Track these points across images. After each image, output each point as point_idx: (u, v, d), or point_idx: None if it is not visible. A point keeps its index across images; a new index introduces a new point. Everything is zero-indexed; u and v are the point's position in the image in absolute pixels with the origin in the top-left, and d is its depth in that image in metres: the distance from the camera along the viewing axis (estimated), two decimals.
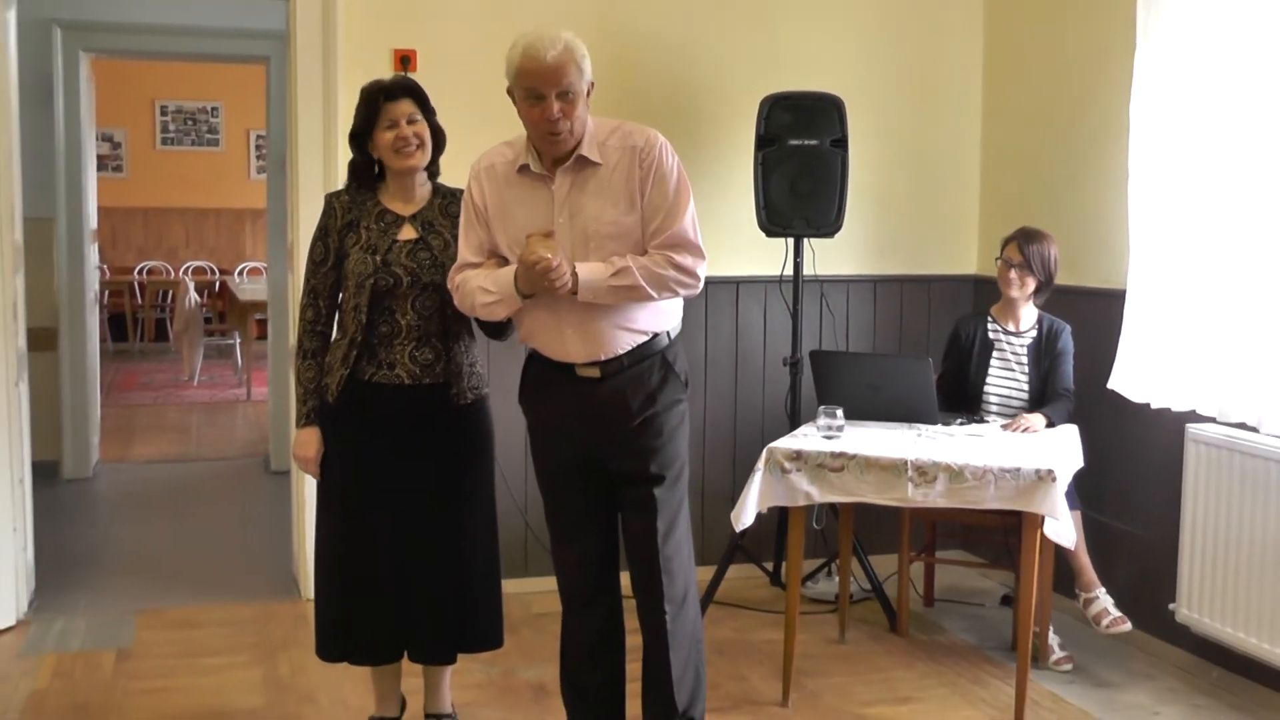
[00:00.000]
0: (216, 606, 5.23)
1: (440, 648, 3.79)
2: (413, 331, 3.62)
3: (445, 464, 3.70)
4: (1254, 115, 4.13)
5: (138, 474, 7.85)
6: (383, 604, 3.69)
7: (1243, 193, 4.21)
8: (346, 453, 3.68)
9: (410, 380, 3.62)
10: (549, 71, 3.30)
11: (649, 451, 3.53)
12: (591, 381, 3.47)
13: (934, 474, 3.99)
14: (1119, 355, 4.67)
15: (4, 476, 4.83)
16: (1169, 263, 4.48)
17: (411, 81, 3.71)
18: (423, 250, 3.62)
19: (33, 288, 5.23)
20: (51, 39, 7.21)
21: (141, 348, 13.53)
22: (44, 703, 4.22)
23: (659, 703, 3.64)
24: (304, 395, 3.69)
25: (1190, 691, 4.45)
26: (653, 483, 3.54)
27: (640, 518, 3.56)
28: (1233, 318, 4.28)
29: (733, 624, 5.10)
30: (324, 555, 3.75)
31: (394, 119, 3.60)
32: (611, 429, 3.50)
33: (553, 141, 3.36)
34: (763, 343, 5.66)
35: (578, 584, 3.68)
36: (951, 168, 5.89)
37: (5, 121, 4.75)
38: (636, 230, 3.43)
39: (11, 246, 4.80)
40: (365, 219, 3.66)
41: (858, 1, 5.67)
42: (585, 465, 3.58)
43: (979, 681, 4.54)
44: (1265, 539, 4.17)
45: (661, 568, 3.56)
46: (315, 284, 3.69)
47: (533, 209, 3.43)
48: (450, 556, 3.71)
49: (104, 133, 13.05)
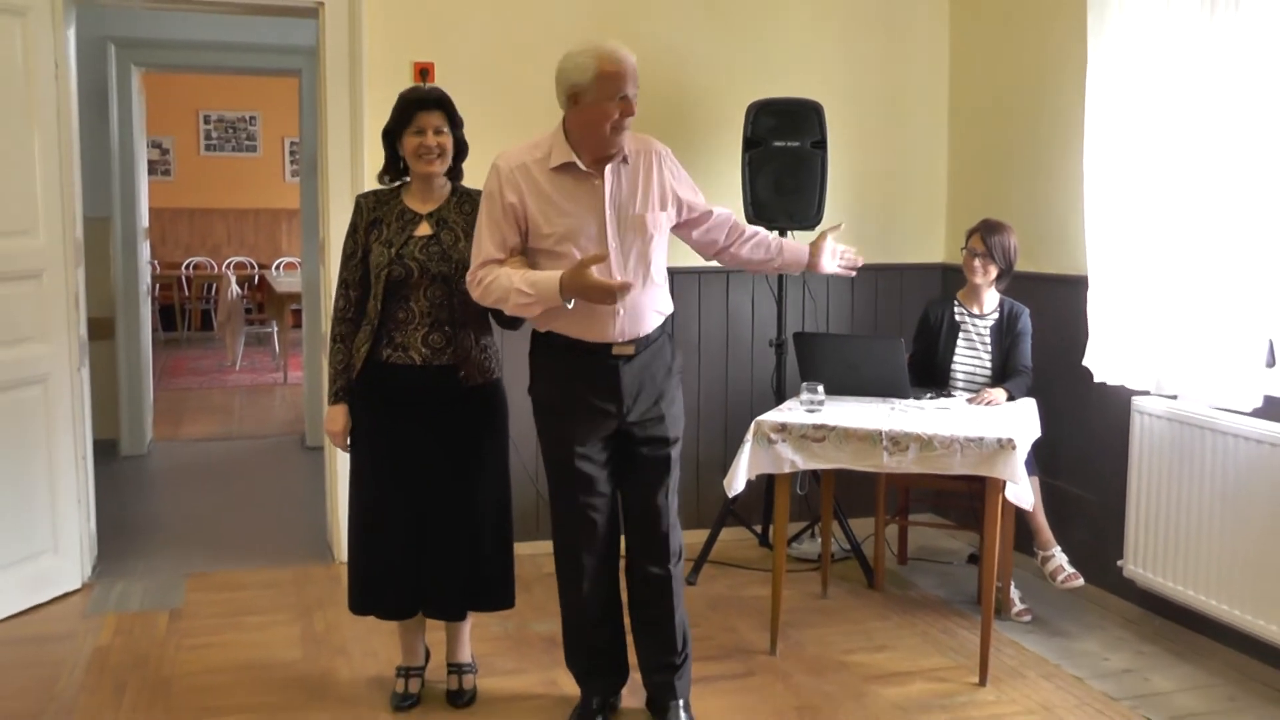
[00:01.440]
0: (258, 570, 5.25)
1: (451, 606, 3.81)
2: (425, 318, 3.65)
3: (457, 439, 3.71)
4: (1194, 117, 4.14)
5: (187, 451, 7.86)
6: (401, 565, 3.73)
7: (1183, 188, 4.21)
8: (370, 427, 3.72)
9: (422, 361, 3.65)
10: (631, 73, 3.38)
11: (669, 418, 3.62)
12: (622, 359, 3.50)
13: (906, 443, 4.01)
14: (1090, 336, 4.65)
15: (69, 454, 4.85)
16: (1121, 251, 4.49)
17: (445, 96, 3.70)
18: (434, 245, 3.64)
19: (91, 281, 5.25)
20: (107, 55, 7.22)
21: (189, 336, 13.53)
22: (107, 657, 4.25)
23: (663, 648, 3.70)
24: (334, 376, 3.74)
25: (1136, 640, 4.48)
26: (670, 444, 3.63)
27: (656, 478, 3.62)
28: (1171, 303, 4.29)
29: (725, 581, 5.13)
30: (354, 520, 3.79)
31: (422, 127, 3.60)
32: (642, 399, 3.55)
33: (617, 139, 3.39)
34: (751, 326, 5.68)
35: (592, 552, 3.64)
36: (920, 166, 5.90)
37: (67, 130, 4.77)
38: (665, 224, 3.58)
39: (74, 243, 4.83)
40: (388, 217, 3.68)
41: (835, 16, 5.68)
42: (610, 437, 3.58)
43: (948, 631, 4.57)
44: (1202, 502, 4.19)
45: (671, 523, 3.66)
46: (345, 276, 3.73)
47: (581, 202, 3.44)
48: (462, 524, 3.73)
49: (154, 140, 13.06)
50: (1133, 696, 3.97)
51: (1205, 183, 4.13)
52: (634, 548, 3.71)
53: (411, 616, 3.83)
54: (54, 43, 4.69)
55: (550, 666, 4.15)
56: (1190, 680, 4.12)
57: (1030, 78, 5.25)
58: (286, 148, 14.12)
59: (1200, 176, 4.15)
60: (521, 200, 3.42)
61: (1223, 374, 4.08)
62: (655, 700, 3.75)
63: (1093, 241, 4.62)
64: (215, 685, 4.02)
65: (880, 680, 4.10)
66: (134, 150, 7.52)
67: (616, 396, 3.51)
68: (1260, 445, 3.97)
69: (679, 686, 3.71)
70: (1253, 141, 3.95)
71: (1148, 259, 4.39)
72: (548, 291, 3.34)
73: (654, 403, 3.58)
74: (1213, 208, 4.10)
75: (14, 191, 4.54)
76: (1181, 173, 4.23)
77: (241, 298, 11.90)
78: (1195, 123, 4.15)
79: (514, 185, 3.43)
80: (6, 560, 4.57)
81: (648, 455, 3.61)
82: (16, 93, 4.53)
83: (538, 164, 3.44)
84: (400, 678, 3.93)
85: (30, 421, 4.65)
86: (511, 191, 3.42)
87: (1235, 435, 4.05)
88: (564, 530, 3.67)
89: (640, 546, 3.69)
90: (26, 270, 4.61)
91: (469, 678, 3.92)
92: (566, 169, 3.43)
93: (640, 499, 3.66)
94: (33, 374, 4.66)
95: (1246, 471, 4.02)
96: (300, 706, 3.86)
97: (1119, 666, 4.23)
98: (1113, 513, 4.68)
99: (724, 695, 3.96)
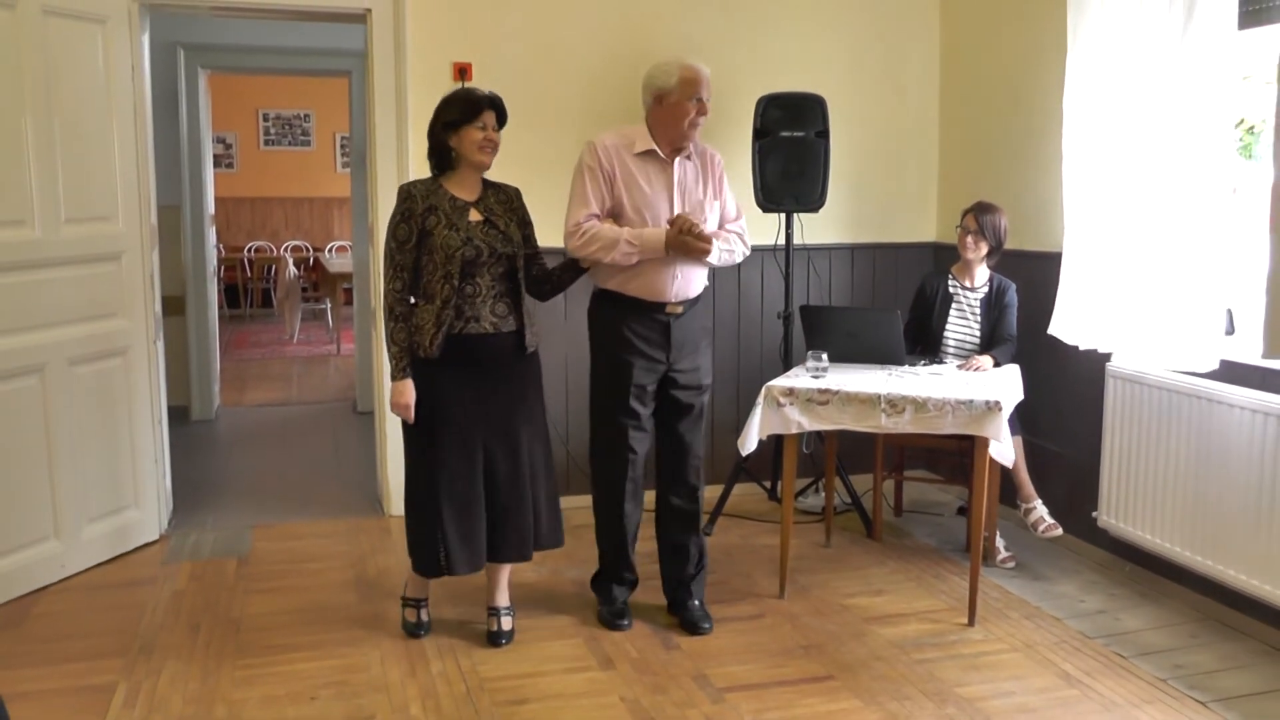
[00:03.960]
0: (316, 522, 5.29)
1: (525, 547, 3.86)
2: (490, 291, 3.72)
3: (517, 397, 3.81)
4: (1164, 109, 4.11)
5: (250, 415, 7.90)
6: (479, 516, 3.77)
7: (1150, 171, 4.19)
8: (450, 396, 3.71)
9: (493, 330, 3.73)
10: (706, 80, 3.85)
11: (703, 369, 4.03)
12: (673, 316, 3.89)
13: (903, 406, 4.02)
14: (1056, 306, 4.67)
15: (146, 418, 4.89)
16: (1096, 230, 4.48)
17: (502, 101, 3.77)
18: (491, 229, 3.72)
19: (164, 263, 5.27)
20: (176, 58, 7.23)
21: (251, 312, 13.56)
22: (182, 601, 4.30)
23: (684, 563, 4.09)
24: (399, 353, 3.68)
25: (1108, 583, 4.49)
26: (703, 391, 4.04)
27: (690, 420, 4.02)
28: (1136, 275, 4.27)
29: (738, 532, 5.15)
30: (431, 487, 3.73)
31: (486, 123, 3.69)
32: (686, 351, 3.94)
33: (693, 133, 3.83)
34: (760, 300, 5.68)
35: (632, 479, 3.98)
36: (914, 153, 5.87)
37: (142, 127, 4.79)
38: (715, 214, 3.97)
39: (149, 228, 4.85)
40: (441, 204, 3.69)
41: (836, 16, 5.64)
42: (657, 383, 3.93)
43: (939, 577, 4.58)
44: (1168, 458, 4.19)
45: (700, 459, 4.07)
46: (400, 260, 3.69)
47: (655, 183, 3.85)
48: (525, 472, 3.81)
49: (218, 136, 13.07)
50: (1105, 635, 3.99)
51: (1169, 167, 4.10)
52: (666, 482, 4.04)
53: (482, 568, 3.86)
54: (130, 48, 4.71)
55: (582, 608, 4.18)
56: (1157, 619, 4.13)
57: (1014, 73, 5.22)
58: (337, 142, 14.10)
59: (1167, 163, 4.12)
60: (612, 167, 3.82)
61: (1181, 340, 4.07)
62: (675, 600, 4.10)
63: (1069, 219, 4.60)
64: (279, 625, 4.06)
65: (878, 621, 4.12)
66: (201, 145, 7.53)
67: (666, 347, 3.89)
68: (1219, 405, 3.96)
69: (695, 589, 4.09)
70: (1211, 130, 3.94)
71: (1116, 235, 4.37)
72: (652, 244, 3.76)
73: (694, 355, 3.97)
74: (1175, 191, 4.08)
75: (97, 182, 4.57)
76: (1149, 160, 4.20)
77: (298, 277, 11.91)
78: (1163, 117, 4.12)
79: (609, 159, 3.82)
80: (95, 513, 4.63)
81: (684, 400, 3.98)
82: (98, 93, 4.55)
83: (623, 148, 3.85)
84: (412, 608, 3.99)
85: (113, 389, 4.70)
86: (606, 160, 3.82)
87: (1197, 397, 4.05)
88: (609, 458, 3.97)
89: (671, 481, 4.05)
90: (108, 252, 4.64)
91: (508, 619, 3.95)
92: (648, 155, 3.86)
93: (676, 437, 4.01)
94: (115, 346, 4.70)
95: (1207, 430, 4.02)
96: (357, 643, 3.90)
97: (1093, 608, 4.24)
98: (1088, 468, 4.68)
99: (737, 635, 3.99)
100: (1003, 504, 4.91)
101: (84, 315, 4.52)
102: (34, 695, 3.48)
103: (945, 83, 5.83)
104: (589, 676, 3.65)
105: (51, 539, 4.43)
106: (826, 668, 3.72)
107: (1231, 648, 3.89)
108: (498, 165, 3.79)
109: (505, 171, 3.86)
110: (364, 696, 3.50)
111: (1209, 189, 3.97)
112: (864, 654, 3.83)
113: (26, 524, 4.32)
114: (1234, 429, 3.91)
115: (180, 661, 3.75)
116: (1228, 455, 3.94)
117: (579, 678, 3.64)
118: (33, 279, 4.29)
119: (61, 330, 4.42)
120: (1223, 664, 3.76)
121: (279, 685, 3.57)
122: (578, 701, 3.47)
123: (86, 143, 4.50)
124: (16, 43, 4.16)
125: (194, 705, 3.43)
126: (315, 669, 3.69)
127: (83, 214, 4.49)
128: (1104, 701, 3.49)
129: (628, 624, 4.01)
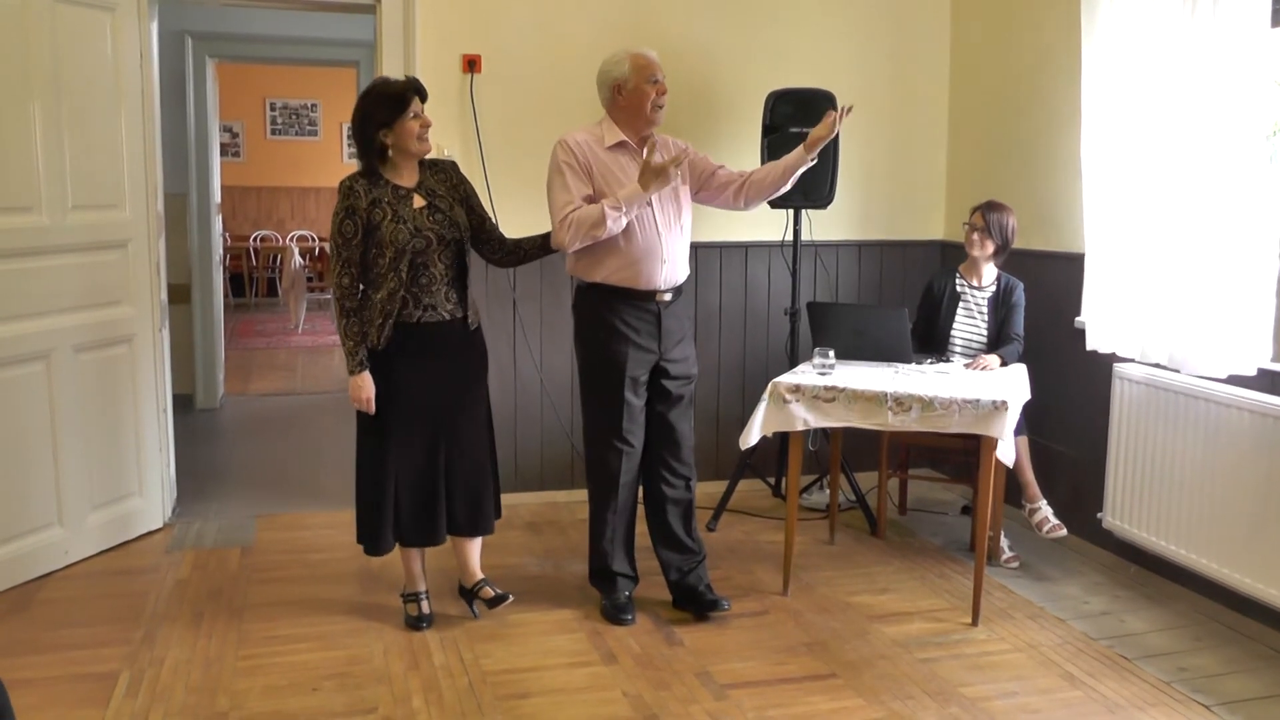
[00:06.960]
0: (319, 512, 5.29)
1: (484, 521, 3.94)
2: (443, 278, 3.76)
3: (467, 377, 3.87)
4: (1181, 105, 4.06)
5: (255, 404, 7.91)
6: (434, 493, 3.83)
7: (1173, 172, 4.14)
8: (404, 383, 3.76)
9: (449, 317, 3.77)
10: (657, 62, 3.90)
11: (691, 358, 4.07)
12: (663, 305, 3.93)
13: (909, 404, 4.00)
14: (1083, 311, 4.60)
15: (151, 406, 4.89)
16: (1116, 230, 4.42)
17: (419, 80, 3.77)
18: (435, 212, 3.74)
19: (170, 251, 5.27)
20: (184, 47, 7.22)
21: (256, 302, 13.58)
22: (186, 589, 4.30)
23: (684, 552, 4.09)
24: (354, 348, 3.69)
25: (1112, 585, 4.48)
26: (692, 381, 4.08)
27: (680, 407, 4.03)
28: (1161, 279, 4.23)
29: (742, 528, 5.14)
30: (380, 468, 3.80)
31: (418, 111, 3.70)
32: (676, 340, 3.99)
33: (658, 116, 3.89)
34: (767, 296, 5.66)
35: (628, 471, 3.98)
36: (922, 151, 5.84)
37: (149, 115, 4.78)
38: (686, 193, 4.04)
39: (155, 216, 4.84)
40: (384, 196, 3.69)
41: (846, 12, 5.62)
42: (649, 373, 3.95)
43: (944, 576, 4.57)
44: (1174, 460, 4.17)
45: (690, 446, 4.07)
46: (348, 255, 3.68)
47: (629, 172, 3.86)
48: (477, 448, 3.89)
49: (225, 125, 13.08)
50: (1109, 636, 3.97)
51: (1191, 168, 4.05)
52: (660, 473, 4.04)
53: (442, 542, 3.92)
54: (139, 36, 4.70)
55: (584, 602, 4.17)
56: (1161, 622, 4.11)
57: (1024, 70, 5.19)
58: (344, 132, 14.10)
59: (1186, 162, 4.06)
60: (588, 161, 3.85)
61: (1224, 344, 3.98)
62: (682, 589, 4.09)
63: (1090, 221, 4.54)
64: (283, 615, 4.06)
65: (882, 619, 4.11)
66: (208, 134, 7.53)
67: (658, 337, 3.92)
68: (1227, 409, 3.94)
69: (701, 574, 4.10)
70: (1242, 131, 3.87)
71: (1140, 237, 4.32)
72: (631, 194, 3.75)
73: (682, 344, 4.02)
74: (1201, 194, 4.02)
75: (104, 170, 4.56)
76: (1168, 159, 4.14)
77: (303, 267, 11.93)
78: (1180, 113, 4.07)
79: (581, 151, 3.86)
80: (99, 501, 4.63)
81: (675, 390, 4.01)
82: (106, 81, 4.54)
83: (595, 143, 3.89)
84: (413, 602, 4.00)
85: (118, 377, 4.69)
86: (580, 155, 3.85)
87: (1205, 400, 4.03)
88: (605, 452, 3.96)
89: (666, 471, 4.05)
90: (115, 240, 4.64)
91: (491, 587, 3.98)
92: (619, 148, 3.90)
93: (667, 426, 4.01)
94: (121, 334, 4.69)
95: (1214, 433, 4.00)
96: (359, 634, 3.90)
97: (1097, 609, 4.23)
98: (1094, 469, 4.66)
99: (741, 631, 3.98)
100: (1007, 504, 4.90)
101: (90, 302, 4.52)
102: (37, 682, 3.47)
103: (955, 79, 5.81)
104: (591, 671, 3.64)
105: (56, 526, 4.43)
106: (830, 666, 3.71)
107: (1236, 651, 3.87)
108: (512, 159, 3.79)
109: (514, 164, 3.86)
110: (366, 688, 3.49)
111: (1234, 192, 3.90)
112: (867, 652, 3.82)
113: (31, 511, 4.32)
114: (1241, 432, 3.89)
115: (183, 650, 3.74)
116: (1234, 458, 3.92)
117: (581, 672, 3.64)
118: (39, 265, 4.28)
119: (67, 317, 4.42)
120: (1227, 667, 3.75)
121: (281, 676, 3.57)
122: (580, 696, 3.47)
123: (94, 130, 4.49)
124: (25, 29, 4.15)
125: (196, 695, 3.43)
126: (318, 660, 3.69)
127: (89, 201, 4.48)
128: (1107, 704, 3.47)
129: (631, 619, 4.01)
